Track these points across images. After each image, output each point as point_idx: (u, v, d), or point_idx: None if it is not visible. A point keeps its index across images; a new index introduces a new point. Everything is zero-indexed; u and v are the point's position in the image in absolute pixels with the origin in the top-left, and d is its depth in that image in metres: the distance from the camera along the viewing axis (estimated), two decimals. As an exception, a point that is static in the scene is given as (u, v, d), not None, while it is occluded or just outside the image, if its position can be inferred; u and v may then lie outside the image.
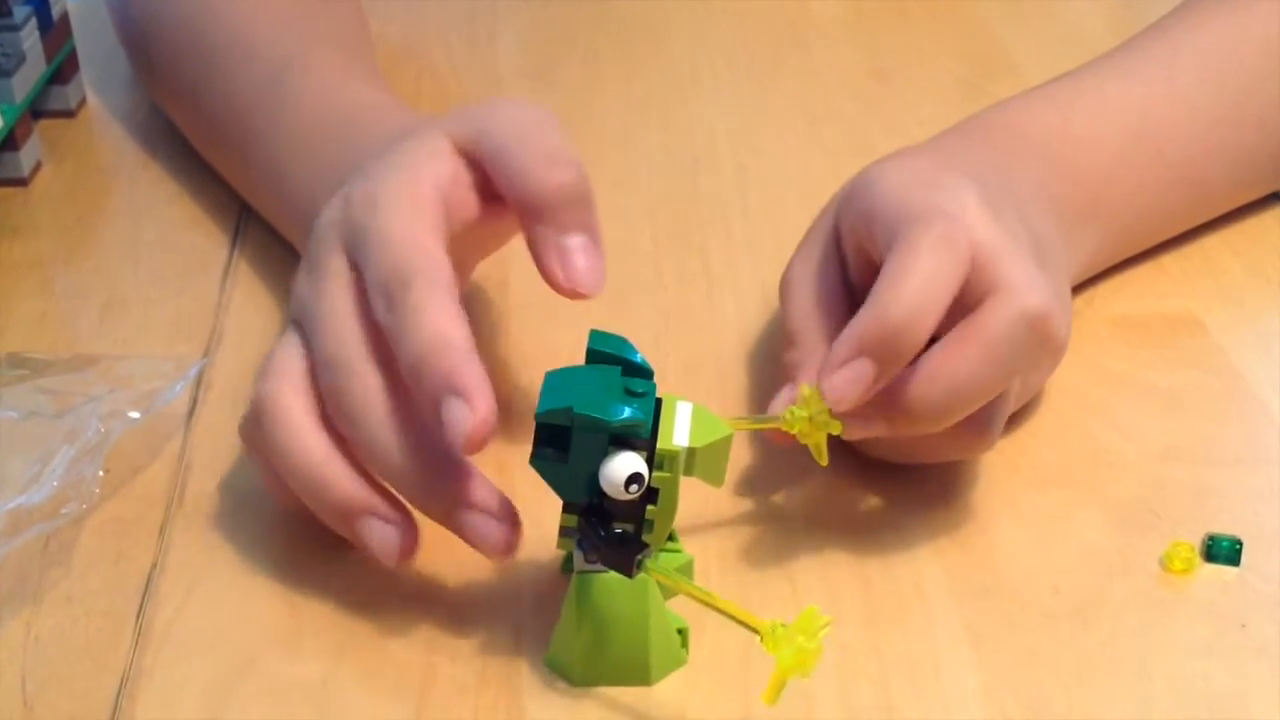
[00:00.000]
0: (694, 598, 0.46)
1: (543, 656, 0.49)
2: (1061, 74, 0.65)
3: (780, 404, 0.52)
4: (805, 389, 0.50)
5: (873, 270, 0.54)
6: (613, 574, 0.47)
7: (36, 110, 0.78)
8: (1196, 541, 0.53)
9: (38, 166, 0.75)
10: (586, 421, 0.45)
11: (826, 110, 0.81)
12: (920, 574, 0.52)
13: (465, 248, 0.55)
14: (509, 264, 0.68)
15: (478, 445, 0.46)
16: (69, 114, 0.80)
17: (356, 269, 0.51)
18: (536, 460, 0.46)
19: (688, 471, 0.47)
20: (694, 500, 0.54)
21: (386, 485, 0.50)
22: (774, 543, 0.54)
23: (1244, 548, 0.53)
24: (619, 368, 0.47)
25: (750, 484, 0.56)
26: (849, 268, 0.56)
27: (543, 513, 0.50)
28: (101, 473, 0.56)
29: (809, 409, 0.50)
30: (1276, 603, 0.51)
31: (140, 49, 0.77)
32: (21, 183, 0.74)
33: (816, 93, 0.82)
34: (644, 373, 0.47)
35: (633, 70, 0.85)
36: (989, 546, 0.53)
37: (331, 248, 0.52)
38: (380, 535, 0.50)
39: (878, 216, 0.53)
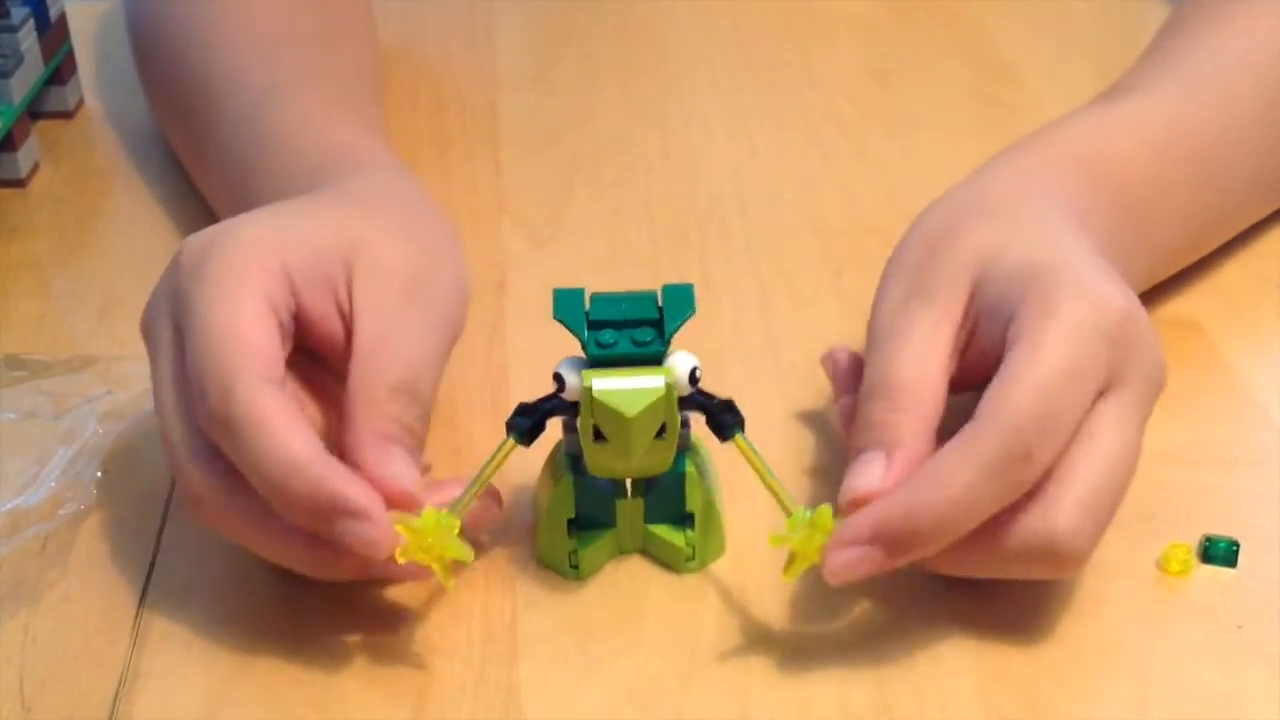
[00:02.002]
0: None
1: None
2: (1097, 99, 0.63)
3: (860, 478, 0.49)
4: (825, 510, 0.48)
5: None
6: (556, 449, 0.52)
7: (34, 111, 0.78)
8: (1193, 543, 0.53)
9: (35, 167, 0.75)
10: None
11: (824, 111, 0.81)
12: (918, 575, 0.52)
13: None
14: (506, 266, 0.68)
15: (391, 549, 0.47)
16: (67, 115, 0.79)
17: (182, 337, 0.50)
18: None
19: (595, 416, 0.49)
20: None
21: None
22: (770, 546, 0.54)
23: (1241, 549, 0.53)
24: (656, 319, 0.50)
25: (748, 485, 0.56)
26: (973, 338, 0.52)
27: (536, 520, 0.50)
28: (99, 474, 0.56)
29: (814, 530, 0.48)
30: (1273, 604, 0.51)
31: (144, 68, 0.76)
32: (19, 184, 0.74)
33: (814, 94, 0.82)
34: (664, 338, 0.50)
35: (630, 70, 0.85)
36: (986, 548, 0.53)
37: (160, 314, 0.51)
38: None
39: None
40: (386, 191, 0.57)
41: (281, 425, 0.46)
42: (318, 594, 0.52)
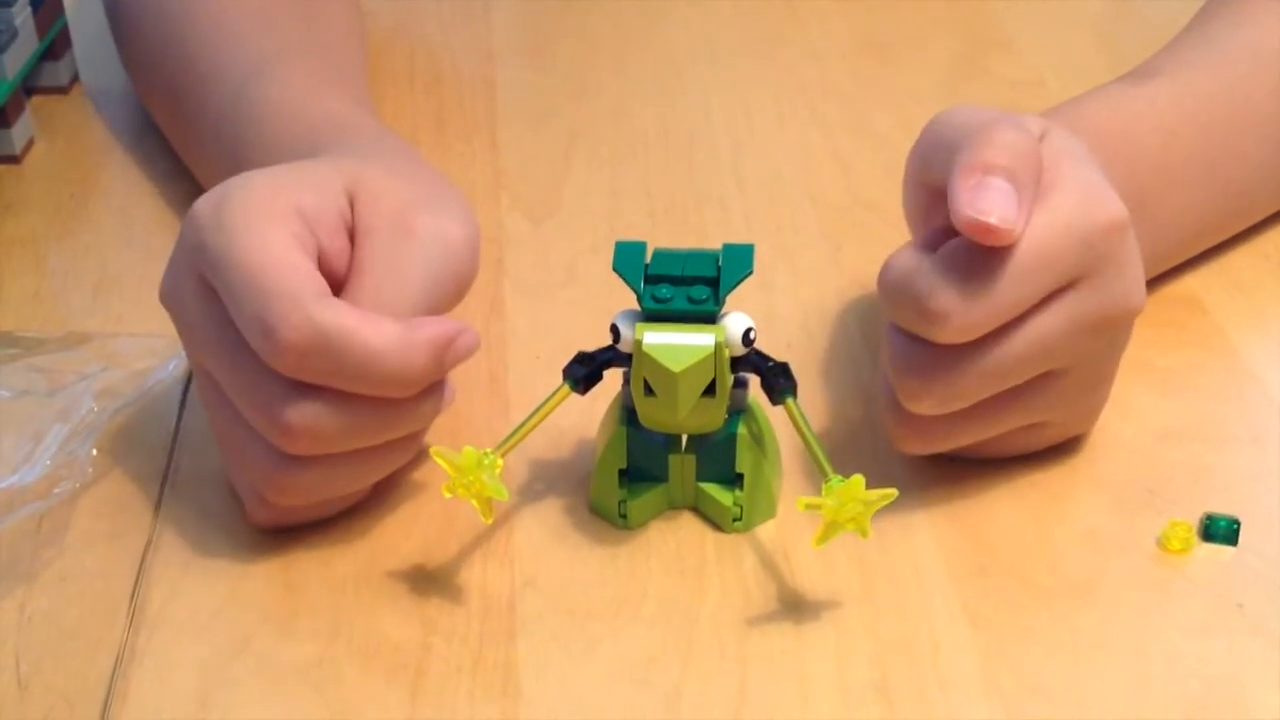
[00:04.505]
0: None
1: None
2: (1122, 77, 0.63)
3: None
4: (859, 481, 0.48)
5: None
6: (616, 399, 0.53)
7: (29, 87, 0.77)
8: (1194, 521, 0.53)
9: (30, 143, 0.75)
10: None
11: (823, 87, 0.80)
12: (917, 553, 0.52)
13: None
14: (503, 244, 0.68)
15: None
16: (61, 90, 0.79)
17: (216, 296, 0.49)
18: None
19: (643, 369, 0.50)
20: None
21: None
22: (771, 522, 0.54)
23: (1242, 527, 0.52)
24: (715, 278, 0.51)
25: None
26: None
27: (536, 497, 0.50)
28: (94, 451, 0.56)
29: (850, 501, 0.48)
30: (1273, 582, 0.51)
31: (127, 52, 0.76)
32: (14, 160, 0.73)
33: (813, 69, 0.82)
34: (718, 297, 0.50)
35: (628, 46, 0.84)
36: (986, 525, 0.53)
37: (182, 275, 0.50)
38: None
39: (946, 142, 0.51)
40: (381, 150, 0.58)
41: (366, 322, 0.48)
42: (315, 573, 0.52)
